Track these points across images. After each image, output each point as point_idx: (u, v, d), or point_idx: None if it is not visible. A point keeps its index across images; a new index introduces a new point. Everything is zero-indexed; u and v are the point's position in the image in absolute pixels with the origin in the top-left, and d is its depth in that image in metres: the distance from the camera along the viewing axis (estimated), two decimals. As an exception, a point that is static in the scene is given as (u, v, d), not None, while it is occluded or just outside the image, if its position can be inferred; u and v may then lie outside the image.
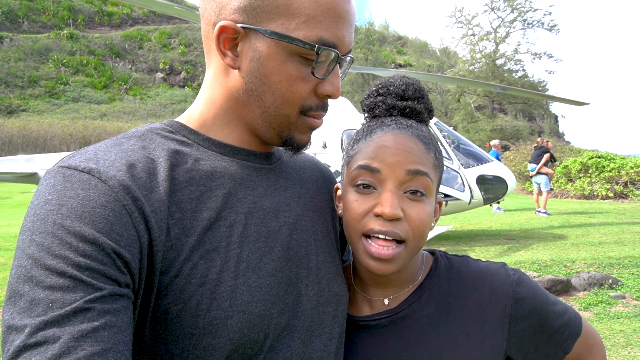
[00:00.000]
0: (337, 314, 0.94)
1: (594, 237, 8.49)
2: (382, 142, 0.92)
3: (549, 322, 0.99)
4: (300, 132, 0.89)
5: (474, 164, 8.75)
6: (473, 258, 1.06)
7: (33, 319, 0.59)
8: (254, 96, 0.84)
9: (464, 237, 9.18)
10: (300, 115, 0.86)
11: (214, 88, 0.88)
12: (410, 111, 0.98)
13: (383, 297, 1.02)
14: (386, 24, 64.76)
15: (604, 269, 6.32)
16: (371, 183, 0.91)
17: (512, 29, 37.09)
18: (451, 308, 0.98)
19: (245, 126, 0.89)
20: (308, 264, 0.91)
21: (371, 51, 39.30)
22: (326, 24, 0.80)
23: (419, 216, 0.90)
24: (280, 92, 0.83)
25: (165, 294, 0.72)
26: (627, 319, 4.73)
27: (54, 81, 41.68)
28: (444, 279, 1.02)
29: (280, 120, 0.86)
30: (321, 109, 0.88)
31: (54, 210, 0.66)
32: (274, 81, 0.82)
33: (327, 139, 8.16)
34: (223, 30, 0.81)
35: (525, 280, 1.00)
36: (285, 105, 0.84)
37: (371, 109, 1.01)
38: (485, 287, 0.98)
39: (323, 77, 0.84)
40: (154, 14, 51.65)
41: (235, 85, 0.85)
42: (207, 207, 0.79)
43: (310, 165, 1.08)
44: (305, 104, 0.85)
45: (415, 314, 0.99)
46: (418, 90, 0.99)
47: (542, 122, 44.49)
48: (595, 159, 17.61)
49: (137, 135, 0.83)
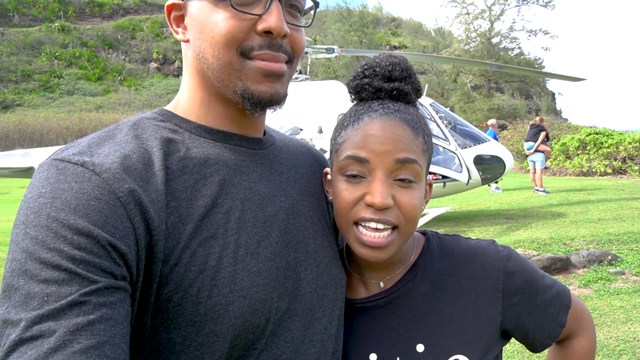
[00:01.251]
0: (336, 296, 0.95)
1: (593, 214, 8.52)
2: (370, 130, 0.91)
3: (540, 294, 1.01)
4: (254, 81, 0.83)
5: (471, 144, 8.74)
6: (463, 237, 1.08)
7: (28, 312, 0.59)
8: (201, 60, 0.84)
9: (462, 217, 9.21)
10: (244, 59, 0.82)
11: (184, 72, 0.91)
12: (397, 93, 0.96)
13: (378, 280, 1.04)
14: (380, 5, 64.34)
15: (603, 246, 6.35)
16: (360, 173, 0.91)
17: (507, 6, 36.73)
18: (445, 285, 1.00)
19: (217, 99, 0.88)
20: (306, 248, 0.91)
21: (365, 34, 38.96)
22: None
23: (410, 202, 0.91)
24: (214, 41, 0.81)
25: (166, 283, 0.72)
26: (627, 294, 4.76)
27: (48, 75, 41.40)
28: (436, 258, 1.04)
29: (227, 71, 0.82)
30: (267, 47, 0.82)
31: (47, 204, 0.65)
32: (207, 33, 0.81)
33: (323, 124, 8.14)
34: (171, 8, 0.86)
35: (514, 255, 1.02)
36: (222, 51, 0.81)
37: (357, 91, 0.99)
38: (476, 263, 1.00)
39: (260, 14, 0.81)
40: (145, 3, 51.08)
41: (192, 58, 0.87)
42: (202, 194, 0.79)
43: (303, 150, 1.08)
44: (245, 45, 0.81)
45: (410, 293, 1.01)
46: (405, 69, 0.97)
47: (539, 100, 44.34)
48: (593, 136, 17.59)
49: (129, 125, 0.83)
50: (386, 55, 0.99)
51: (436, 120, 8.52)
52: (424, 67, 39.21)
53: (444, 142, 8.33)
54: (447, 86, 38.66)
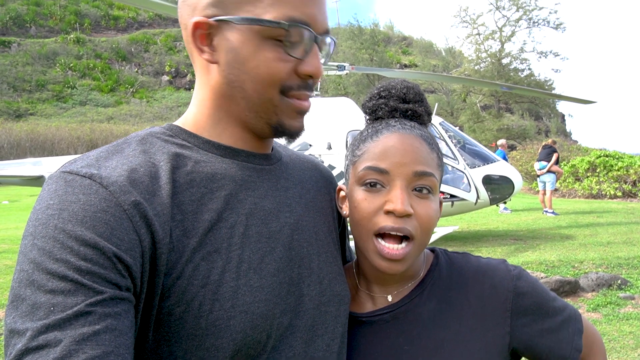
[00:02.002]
0: (339, 313, 0.95)
1: (602, 237, 8.44)
2: (390, 142, 0.94)
3: (551, 317, 1.00)
4: (288, 117, 0.88)
5: (480, 163, 8.72)
6: (473, 255, 1.08)
7: (35, 322, 0.60)
8: (236, 87, 0.85)
9: (470, 237, 9.15)
10: (283, 96, 0.85)
11: (200, 88, 0.90)
12: (412, 113, 1.01)
13: (386, 294, 1.04)
14: (391, 24, 64.77)
15: (613, 270, 6.28)
16: (379, 182, 0.93)
17: (518, 27, 36.89)
18: (453, 303, 1.00)
19: (236, 122, 0.89)
20: (310, 264, 0.91)
21: (376, 52, 39.17)
22: (293, 4, 0.81)
23: (427, 213, 0.93)
24: (259, 77, 0.83)
25: (168, 296, 0.73)
26: (637, 320, 4.69)
27: (61, 85, 41.97)
28: (445, 275, 1.03)
29: (265, 105, 0.85)
30: (304, 88, 0.87)
31: (55, 215, 0.66)
32: (252, 67, 0.82)
33: (332, 140, 8.16)
34: (197, 26, 0.83)
35: (525, 275, 1.01)
36: (265, 88, 0.84)
37: (374, 111, 1.03)
38: (486, 281, 1.00)
39: (302, 57, 0.84)
40: (160, 17, 51.89)
41: (217, 80, 0.86)
42: (208, 208, 0.79)
43: (310, 166, 1.08)
44: (286, 84, 0.84)
45: (417, 309, 1.00)
46: (418, 94, 1.02)
47: (549, 121, 44.26)
48: (603, 158, 17.50)
49: (137, 140, 0.83)
50: (400, 80, 1.04)
51: (445, 139, 8.51)
52: (434, 86, 39.29)
53: (453, 161, 8.31)
54: (457, 105, 38.72)
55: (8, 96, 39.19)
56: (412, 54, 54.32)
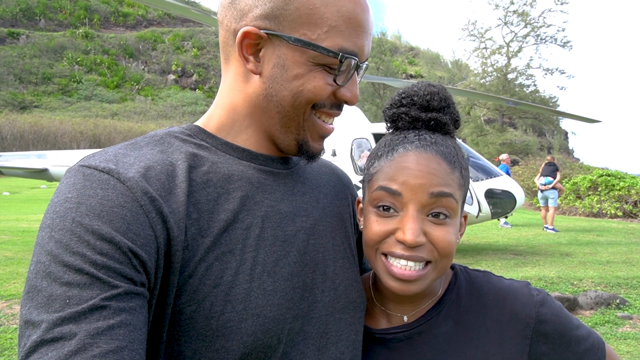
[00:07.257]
0: (354, 321, 0.94)
1: (602, 256, 8.41)
2: (404, 162, 0.88)
3: (573, 346, 0.95)
4: (312, 139, 0.90)
5: (483, 177, 8.71)
6: (496, 275, 1.02)
7: (50, 314, 0.60)
8: (273, 101, 0.85)
9: (470, 250, 9.13)
10: (313, 111, 0.87)
11: (233, 94, 0.89)
12: (435, 124, 0.93)
13: (402, 314, 1.00)
14: (399, 34, 65.06)
15: (612, 289, 6.25)
16: (392, 205, 0.88)
17: (525, 43, 37.05)
18: (470, 326, 0.95)
19: (264, 132, 0.90)
20: (325, 270, 0.90)
21: (383, 61, 39.34)
22: (347, 34, 0.82)
23: (444, 238, 0.87)
24: (301, 96, 0.84)
25: (180, 294, 0.72)
26: (635, 340, 4.67)
27: (68, 79, 42.14)
28: (463, 295, 0.99)
29: (296, 119, 0.86)
30: (335, 107, 0.89)
31: (73, 208, 0.66)
32: (296, 85, 0.83)
33: (337, 147, 8.18)
34: (246, 35, 0.82)
35: (549, 301, 0.96)
36: (303, 106, 0.85)
37: (394, 120, 0.96)
38: (506, 306, 0.94)
39: (343, 84, 0.86)
40: (169, 16, 52.12)
41: (255, 90, 0.86)
42: (224, 208, 0.79)
43: (327, 171, 1.08)
44: (319, 102, 0.86)
45: (432, 330, 0.96)
46: (444, 99, 0.94)
47: (552, 137, 44.30)
48: (605, 177, 17.49)
49: (156, 140, 0.84)
50: (425, 84, 0.96)
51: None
52: (439, 97, 39.24)
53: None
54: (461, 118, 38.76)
55: (14, 87, 39.32)
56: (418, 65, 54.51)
